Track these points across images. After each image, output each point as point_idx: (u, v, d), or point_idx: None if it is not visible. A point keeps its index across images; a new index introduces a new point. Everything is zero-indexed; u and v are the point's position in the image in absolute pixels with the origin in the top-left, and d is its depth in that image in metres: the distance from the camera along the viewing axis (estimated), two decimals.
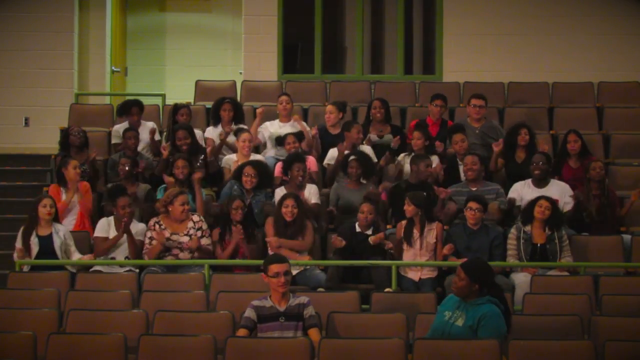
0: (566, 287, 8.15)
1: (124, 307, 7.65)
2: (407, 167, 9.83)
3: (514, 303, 7.89)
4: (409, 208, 8.72)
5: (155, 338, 6.87)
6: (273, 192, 9.58)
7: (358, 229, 8.85)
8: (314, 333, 6.75)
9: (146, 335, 6.88)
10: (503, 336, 6.48)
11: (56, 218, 8.92)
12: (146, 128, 10.76)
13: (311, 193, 9.49)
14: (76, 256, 8.82)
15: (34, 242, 8.75)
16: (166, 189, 9.26)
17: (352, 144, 10.13)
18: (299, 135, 10.27)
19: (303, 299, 6.89)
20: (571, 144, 10.08)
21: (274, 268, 6.80)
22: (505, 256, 8.80)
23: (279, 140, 10.43)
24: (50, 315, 7.36)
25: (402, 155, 10.10)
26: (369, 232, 8.81)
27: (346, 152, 9.90)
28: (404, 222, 8.77)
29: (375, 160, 10.09)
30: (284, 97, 10.91)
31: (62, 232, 8.84)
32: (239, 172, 9.54)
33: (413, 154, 9.88)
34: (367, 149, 10.23)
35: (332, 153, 10.23)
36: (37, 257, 8.69)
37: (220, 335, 6.79)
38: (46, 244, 8.75)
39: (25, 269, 8.67)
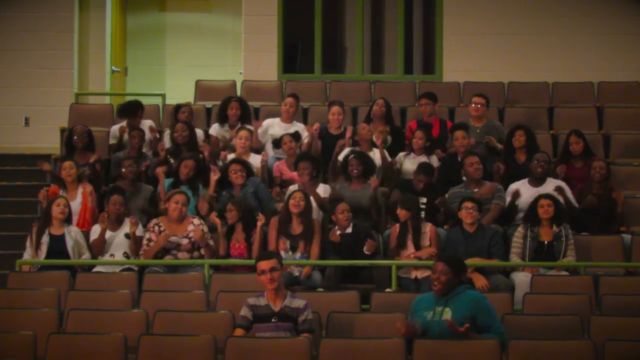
0: (566, 287, 8.14)
1: (124, 307, 7.65)
2: (404, 166, 9.96)
3: (514, 303, 7.88)
4: (401, 212, 8.74)
5: (155, 338, 6.89)
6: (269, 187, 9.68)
7: (339, 231, 8.84)
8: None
9: (146, 335, 6.89)
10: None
11: (69, 219, 8.91)
12: (145, 126, 10.75)
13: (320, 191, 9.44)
14: (86, 256, 8.83)
15: (45, 240, 8.74)
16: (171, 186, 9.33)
17: (361, 141, 10.10)
18: (296, 136, 10.23)
19: (300, 302, 6.86)
20: (573, 146, 10.02)
21: (260, 265, 6.83)
22: (505, 254, 8.78)
23: (277, 143, 10.37)
24: (50, 315, 7.37)
25: (400, 154, 10.12)
26: (349, 230, 8.77)
27: (346, 149, 9.92)
28: (397, 227, 8.78)
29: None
30: (289, 99, 10.76)
31: (74, 232, 8.84)
32: (226, 172, 9.52)
33: (412, 153, 9.97)
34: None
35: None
36: (47, 257, 8.68)
37: (220, 335, 6.80)
38: (58, 243, 8.74)
39: (34, 268, 8.66)
